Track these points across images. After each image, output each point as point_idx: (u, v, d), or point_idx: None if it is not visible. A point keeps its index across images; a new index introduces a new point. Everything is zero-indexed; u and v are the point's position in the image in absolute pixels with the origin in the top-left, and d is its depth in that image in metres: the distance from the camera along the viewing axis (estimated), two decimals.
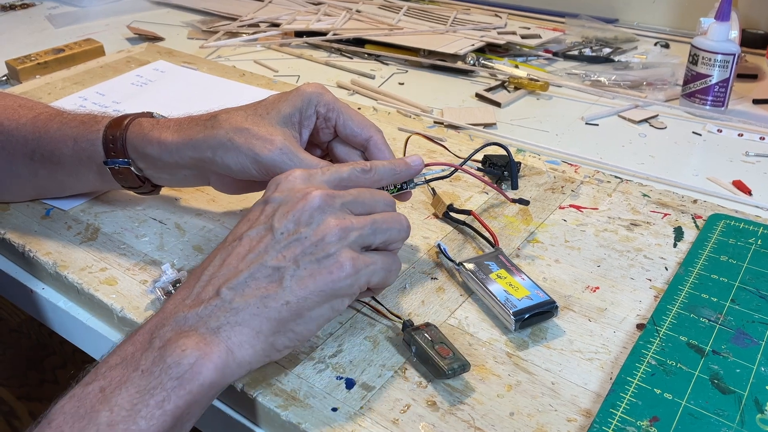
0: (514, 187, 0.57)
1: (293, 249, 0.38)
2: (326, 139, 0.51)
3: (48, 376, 1.13)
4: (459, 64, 0.92)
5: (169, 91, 0.81)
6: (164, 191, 0.59)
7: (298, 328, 0.38)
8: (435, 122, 0.75)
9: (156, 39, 1.05)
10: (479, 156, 0.62)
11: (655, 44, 1.00)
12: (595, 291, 0.48)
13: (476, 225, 0.54)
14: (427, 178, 0.51)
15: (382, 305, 0.45)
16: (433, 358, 0.40)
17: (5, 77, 0.89)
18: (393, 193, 0.50)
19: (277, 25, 1.08)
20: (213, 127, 0.47)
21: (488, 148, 0.60)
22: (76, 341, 0.53)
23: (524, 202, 0.54)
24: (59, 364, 1.14)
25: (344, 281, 0.38)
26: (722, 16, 0.74)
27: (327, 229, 0.39)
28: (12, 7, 1.24)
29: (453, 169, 0.51)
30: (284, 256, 0.38)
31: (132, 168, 0.51)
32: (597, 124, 0.77)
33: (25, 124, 0.53)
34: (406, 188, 0.50)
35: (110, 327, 0.49)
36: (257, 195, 0.58)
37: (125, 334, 0.48)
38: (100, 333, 0.49)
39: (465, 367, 0.40)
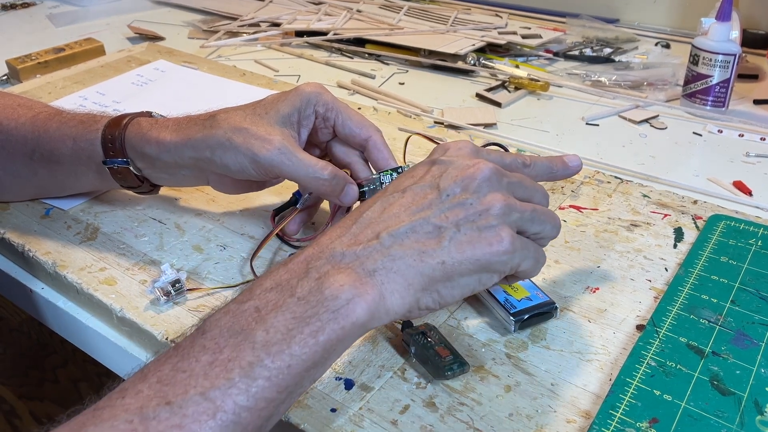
0: None
1: (457, 212, 0.38)
2: (325, 138, 0.51)
3: (48, 376, 1.14)
4: (459, 64, 0.92)
5: (169, 90, 0.81)
6: (163, 191, 0.59)
7: (444, 290, 0.38)
8: (435, 122, 0.75)
9: (156, 38, 1.05)
10: None
11: (656, 44, 1.00)
12: (594, 292, 0.48)
13: None
14: None
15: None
16: (432, 358, 0.40)
17: (5, 76, 0.90)
18: None
19: (277, 25, 1.07)
20: (212, 126, 0.47)
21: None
22: (76, 341, 0.53)
23: None
24: (60, 364, 1.14)
25: (500, 256, 0.38)
26: (723, 16, 0.74)
27: (493, 201, 0.38)
28: (12, 6, 1.24)
29: None
30: (447, 217, 0.38)
31: (131, 168, 0.51)
32: (597, 125, 0.77)
33: (24, 124, 0.53)
34: None
35: (109, 327, 0.49)
36: (257, 195, 0.58)
37: (124, 333, 0.48)
38: (100, 333, 0.49)
39: (464, 367, 0.40)
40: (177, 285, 0.47)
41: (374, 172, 0.51)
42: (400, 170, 0.49)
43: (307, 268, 0.36)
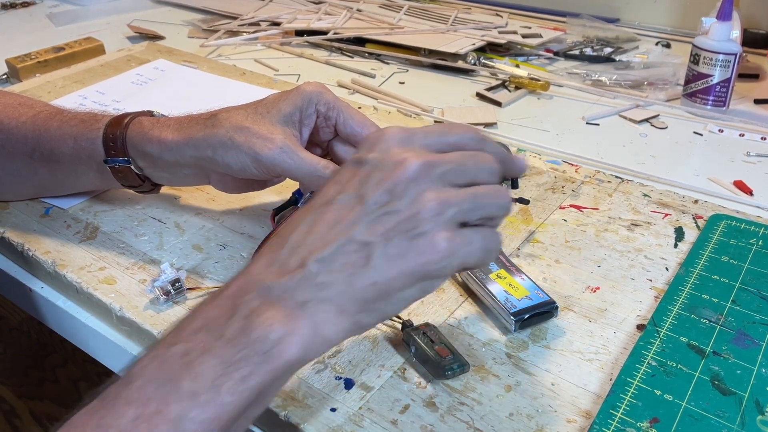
0: (515, 186, 0.56)
1: (385, 223, 0.34)
2: (326, 138, 0.51)
3: (48, 375, 1.13)
4: (460, 64, 0.91)
5: (169, 89, 0.81)
6: (164, 190, 0.59)
7: (384, 307, 0.35)
8: (435, 121, 0.75)
9: (156, 38, 1.05)
10: None
11: (657, 44, 1.00)
12: (595, 291, 0.48)
13: None
14: None
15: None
16: (432, 358, 0.40)
17: (5, 75, 0.89)
18: None
19: (277, 24, 1.07)
20: (213, 125, 0.47)
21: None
22: (75, 340, 0.53)
23: (524, 201, 0.54)
24: (60, 363, 1.14)
25: (437, 263, 0.34)
26: (724, 15, 0.74)
27: (422, 203, 0.34)
28: (12, 6, 1.24)
29: None
30: (374, 230, 0.34)
31: (132, 167, 0.51)
32: (598, 124, 0.77)
33: (25, 123, 0.53)
34: None
35: (109, 326, 0.49)
36: (257, 194, 0.58)
37: (124, 333, 0.48)
38: (99, 332, 0.49)
39: (464, 367, 0.40)
40: (177, 284, 0.47)
41: None
42: None
43: (235, 305, 0.34)
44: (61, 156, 0.52)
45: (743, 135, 0.73)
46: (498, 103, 0.81)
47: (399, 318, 0.44)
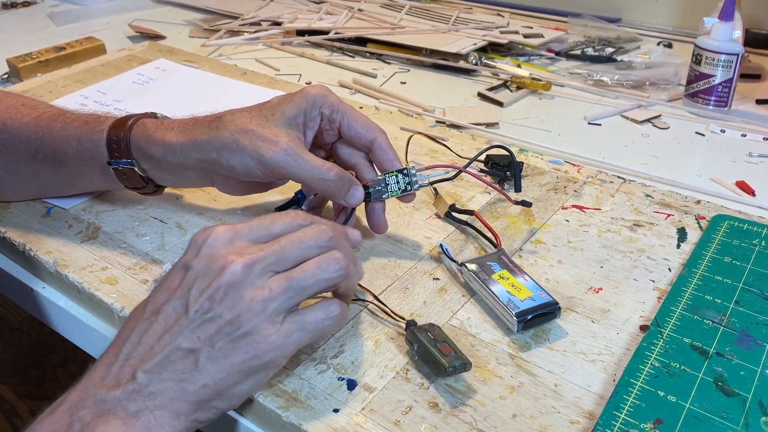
0: (517, 189, 0.56)
1: (208, 329, 0.36)
2: (330, 140, 0.51)
3: (49, 375, 1.13)
4: (461, 64, 0.91)
5: (170, 89, 0.81)
6: (166, 190, 0.59)
7: (219, 404, 0.37)
8: (437, 122, 0.75)
9: (157, 37, 1.05)
10: (481, 156, 0.62)
11: (658, 44, 1.00)
12: (598, 292, 0.48)
13: (478, 225, 0.54)
14: (431, 180, 0.51)
15: (386, 306, 0.45)
16: (434, 355, 0.40)
17: (6, 75, 0.89)
18: (397, 195, 0.50)
19: (278, 24, 1.07)
20: (218, 128, 0.47)
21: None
22: (77, 341, 0.53)
23: (526, 204, 0.54)
24: (60, 363, 1.14)
25: (264, 357, 0.37)
26: (726, 15, 0.74)
27: (243, 305, 0.36)
28: (13, 5, 1.24)
29: (456, 171, 0.51)
30: (198, 337, 0.36)
31: (136, 169, 0.51)
32: (600, 124, 0.77)
33: (28, 124, 0.53)
34: (410, 190, 0.50)
35: (111, 326, 0.49)
36: (260, 194, 0.58)
37: None
38: (101, 333, 0.49)
39: (466, 366, 0.40)
40: None
41: (379, 173, 0.51)
42: (405, 171, 0.49)
43: (70, 420, 0.35)
44: (65, 157, 0.52)
45: (745, 135, 0.73)
46: (500, 103, 0.81)
47: (402, 318, 0.44)
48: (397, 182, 0.50)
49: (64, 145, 0.52)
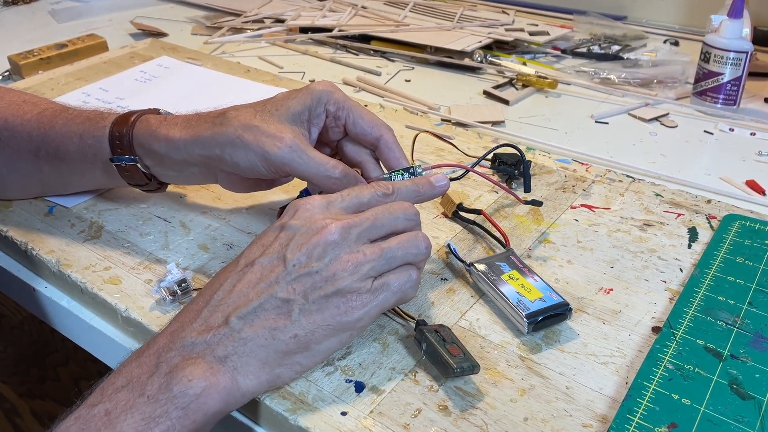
0: (527, 189, 0.56)
1: (304, 282, 0.38)
2: (336, 137, 0.50)
3: (50, 374, 1.13)
4: (466, 61, 0.91)
5: (173, 87, 0.80)
6: (169, 189, 0.58)
7: (304, 360, 0.39)
8: (443, 120, 0.74)
9: (160, 35, 1.04)
10: (489, 155, 0.61)
11: (665, 42, 0.99)
12: (608, 293, 0.47)
13: (487, 225, 0.53)
14: None
15: (397, 306, 0.44)
16: (442, 356, 0.39)
17: (8, 73, 0.89)
18: None
19: (282, 21, 1.06)
20: (221, 124, 0.47)
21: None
22: (80, 341, 0.52)
23: (537, 203, 0.53)
24: (61, 362, 1.13)
25: (352, 315, 0.39)
26: (735, 13, 0.73)
27: (339, 265, 0.39)
28: (15, 2, 1.23)
29: (464, 170, 0.51)
30: (294, 289, 0.38)
31: (138, 165, 0.50)
32: (607, 123, 0.76)
33: (30, 120, 0.52)
34: None
35: (114, 327, 0.48)
36: (264, 193, 0.57)
37: (130, 334, 0.47)
38: (104, 333, 0.48)
39: (474, 368, 0.39)
40: (183, 285, 0.46)
41: (385, 171, 0.50)
42: (411, 170, 0.48)
43: (157, 362, 0.36)
44: (67, 154, 0.51)
45: (754, 134, 0.72)
46: (505, 102, 0.80)
47: (412, 317, 0.44)
48: None
49: (66, 142, 0.51)
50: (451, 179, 0.51)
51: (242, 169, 0.47)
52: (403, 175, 0.49)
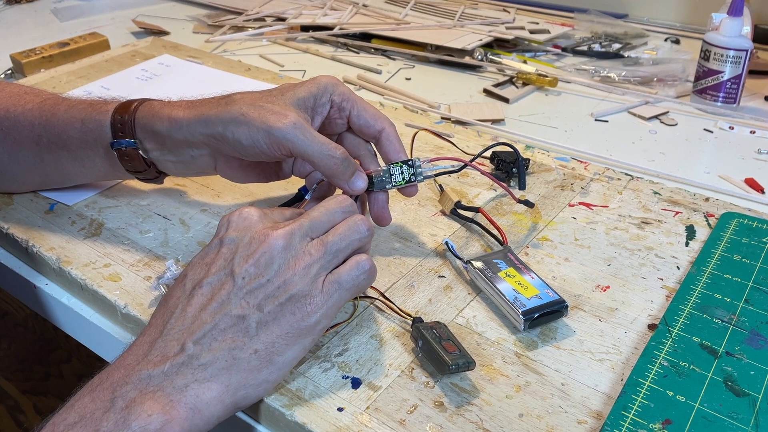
0: (522, 187, 0.56)
1: (256, 294, 0.38)
2: (338, 130, 0.51)
3: (53, 371, 1.13)
4: (466, 60, 0.91)
5: (174, 85, 0.81)
6: (169, 186, 0.59)
7: (270, 376, 0.38)
8: (442, 118, 0.75)
9: (161, 33, 1.05)
10: (487, 152, 0.61)
11: (666, 40, 0.99)
12: (605, 290, 0.47)
13: (484, 222, 0.53)
14: (435, 172, 0.51)
15: (393, 303, 0.45)
16: (438, 352, 0.39)
17: (10, 71, 0.89)
18: (401, 185, 0.49)
19: (283, 20, 1.07)
20: (227, 104, 0.47)
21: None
22: (80, 337, 0.52)
23: (529, 204, 0.53)
24: (64, 359, 1.14)
25: (310, 319, 0.38)
26: (735, 11, 0.73)
27: (288, 270, 0.38)
28: (17, 1, 1.24)
29: (462, 164, 0.51)
30: (248, 303, 0.37)
31: (139, 150, 0.50)
32: (606, 121, 0.76)
33: (32, 109, 0.53)
34: (414, 181, 0.49)
35: (114, 323, 0.48)
36: (263, 191, 0.57)
37: (129, 330, 0.47)
38: (104, 329, 0.48)
39: (469, 365, 0.39)
40: None
41: (384, 165, 0.50)
42: (410, 163, 0.49)
43: (112, 397, 0.34)
44: (68, 140, 0.52)
45: (754, 132, 0.72)
46: (505, 100, 0.81)
47: (409, 315, 0.44)
48: (402, 173, 0.49)
49: (68, 128, 0.51)
50: (450, 172, 0.52)
51: (244, 147, 0.46)
52: (401, 167, 0.49)
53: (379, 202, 0.50)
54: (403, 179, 0.49)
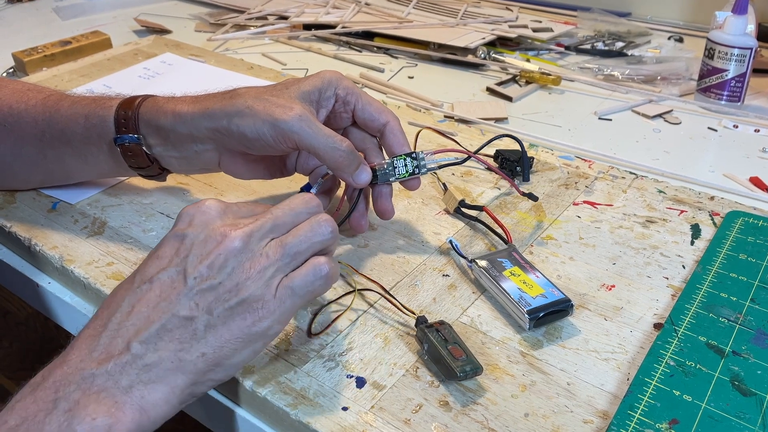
0: (526, 178, 0.56)
1: (206, 297, 0.36)
2: (343, 124, 0.51)
3: None
4: (469, 58, 0.90)
5: (176, 84, 0.80)
6: (172, 185, 0.58)
7: (217, 375, 0.36)
8: (445, 116, 0.74)
9: (163, 31, 1.04)
10: (491, 150, 0.61)
11: (669, 38, 0.99)
12: (610, 289, 0.47)
13: (488, 221, 0.53)
14: (439, 164, 0.50)
15: (396, 300, 0.44)
16: (445, 358, 0.39)
17: (12, 69, 0.89)
18: (405, 178, 0.49)
19: (285, 18, 1.06)
20: (231, 98, 0.47)
21: (501, 143, 0.59)
22: None
23: (533, 198, 0.53)
24: None
25: (261, 324, 0.36)
26: (740, 9, 0.73)
27: (242, 273, 0.36)
28: None
29: (466, 156, 0.51)
30: (197, 305, 0.36)
31: (142, 146, 0.50)
32: (610, 119, 0.76)
33: (35, 105, 0.53)
34: (418, 173, 0.49)
35: None
36: (266, 190, 0.57)
37: None
38: None
39: (477, 370, 0.39)
40: None
41: (388, 159, 0.50)
42: (413, 155, 0.49)
43: (55, 398, 0.33)
44: (72, 136, 0.52)
45: (758, 131, 0.72)
46: (509, 98, 0.80)
47: (413, 313, 0.44)
48: (405, 165, 0.49)
49: (72, 124, 0.51)
50: (452, 164, 0.52)
51: (249, 140, 0.46)
52: (405, 159, 0.49)
53: (383, 195, 0.50)
54: (407, 171, 0.49)
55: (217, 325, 0.36)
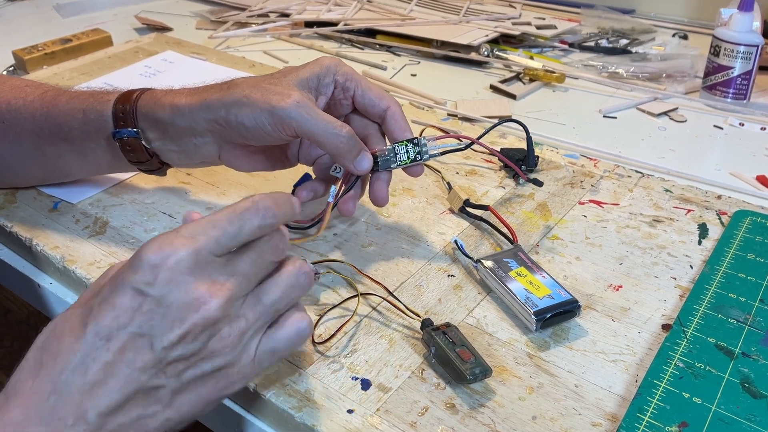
0: (532, 164, 0.55)
1: (177, 366, 0.32)
2: (344, 111, 0.50)
3: None
4: (473, 55, 0.90)
5: (177, 81, 0.79)
6: (174, 184, 0.58)
7: (174, 427, 0.34)
8: (449, 114, 0.74)
9: (164, 29, 1.04)
10: (496, 147, 0.61)
11: (673, 35, 0.98)
12: (617, 290, 0.47)
13: (494, 221, 0.53)
14: (441, 150, 0.50)
15: (401, 302, 0.44)
16: (453, 362, 0.39)
17: (12, 67, 0.88)
18: (406, 164, 0.48)
19: (287, 15, 1.06)
20: (229, 88, 0.47)
21: (504, 142, 0.59)
22: None
23: (538, 183, 0.53)
24: None
25: (232, 388, 0.34)
26: (746, 6, 0.72)
27: (219, 342, 0.33)
28: None
29: (469, 141, 0.50)
30: (165, 374, 0.32)
31: (141, 140, 0.50)
32: (615, 117, 0.75)
33: (33, 101, 0.52)
34: (420, 160, 0.48)
35: None
36: (267, 188, 0.56)
37: None
38: None
39: (487, 372, 0.39)
40: None
41: (390, 145, 0.49)
42: (415, 141, 0.48)
43: None
44: (70, 132, 0.51)
45: (765, 129, 0.72)
46: (512, 96, 0.80)
47: (418, 315, 0.43)
48: (407, 152, 0.48)
49: (70, 119, 0.51)
50: (455, 150, 0.51)
51: (248, 129, 0.46)
52: (407, 145, 0.48)
53: (380, 182, 0.49)
54: (409, 158, 0.48)
55: (186, 391, 0.33)
